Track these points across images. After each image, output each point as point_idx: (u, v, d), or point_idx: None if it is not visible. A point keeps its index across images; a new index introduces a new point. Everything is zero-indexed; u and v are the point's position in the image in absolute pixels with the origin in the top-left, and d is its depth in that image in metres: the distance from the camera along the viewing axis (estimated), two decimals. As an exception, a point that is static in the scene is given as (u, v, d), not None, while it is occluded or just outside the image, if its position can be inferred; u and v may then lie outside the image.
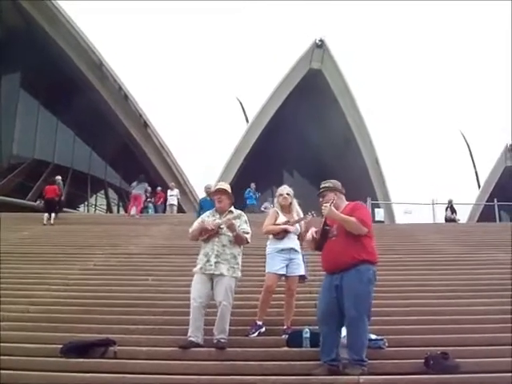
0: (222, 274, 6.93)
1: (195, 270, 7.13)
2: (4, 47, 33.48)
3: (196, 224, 7.39)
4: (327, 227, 6.43)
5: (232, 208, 7.45)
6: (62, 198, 23.82)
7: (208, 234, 7.12)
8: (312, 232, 6.60)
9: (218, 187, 7.57)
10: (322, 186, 6.71)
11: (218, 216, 7.31)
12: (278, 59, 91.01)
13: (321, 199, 6.56)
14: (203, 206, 12.35)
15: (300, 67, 44.66)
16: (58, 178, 24.36)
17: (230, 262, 7.05)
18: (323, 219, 6.46)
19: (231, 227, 7.08)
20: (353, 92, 44.71)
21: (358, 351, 5.98)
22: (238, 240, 7.16)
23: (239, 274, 7.17)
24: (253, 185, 28.17)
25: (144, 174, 28.13)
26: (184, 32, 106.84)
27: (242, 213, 7.48)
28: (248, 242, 7.30)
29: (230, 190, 7.50)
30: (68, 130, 42.11)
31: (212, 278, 6.98)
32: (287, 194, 8.05)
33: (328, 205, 6.22)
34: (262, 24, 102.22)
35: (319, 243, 6.51)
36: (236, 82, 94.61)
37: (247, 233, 7.26)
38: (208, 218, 7.34)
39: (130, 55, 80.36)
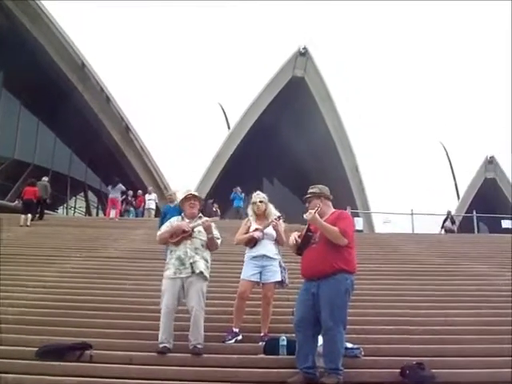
0: (196, 274, 6.89)
1: (167, 274, 7.05)
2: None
3: (165, 227, 7.37)
4: (310, 233, 6.42)
5: (200, 214, 7.47)
6: (48, 200, 23.64)
7: (180, 237, 7.10)
8: (295, 236, 6.58)
9: (191, 193, 7.56)
10: (309, 191, 6.68)
11: (187, 221, 7.28)
12: (262, 66, 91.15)
13: (307, 204, 6.55)
14: (167, 213, 12.21)
15: (283, 75, 44.82)
16: (45, 179, 24.16)
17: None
18: (306, 225, 6.45)
19: (208, 229, 7.10)
20: (335, 100, 44.97)
21: (334, 360, 5.96)
22: (211, 243, 7.19)
23: (208, 277, 7.15)
24: (238, 188, 28.46)
25: (121, 178, 28.30)
26: (167, 35, 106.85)
27: (217, 219, 7.50)
28: (217, 248, 7.34)
29: None
30: (49, 131, 41.72)
31: (183, 281, 6.93)
32: (260, 202, 8.05)
33: (312, 211, 6.22)
34: (247, 30, 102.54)
35: (300, 248, 6.51)
36: (219, 87, 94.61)
37: (218, 238, 7.29)
38: (177, 223, 7.33)
39: (110, 58, 79.87)
